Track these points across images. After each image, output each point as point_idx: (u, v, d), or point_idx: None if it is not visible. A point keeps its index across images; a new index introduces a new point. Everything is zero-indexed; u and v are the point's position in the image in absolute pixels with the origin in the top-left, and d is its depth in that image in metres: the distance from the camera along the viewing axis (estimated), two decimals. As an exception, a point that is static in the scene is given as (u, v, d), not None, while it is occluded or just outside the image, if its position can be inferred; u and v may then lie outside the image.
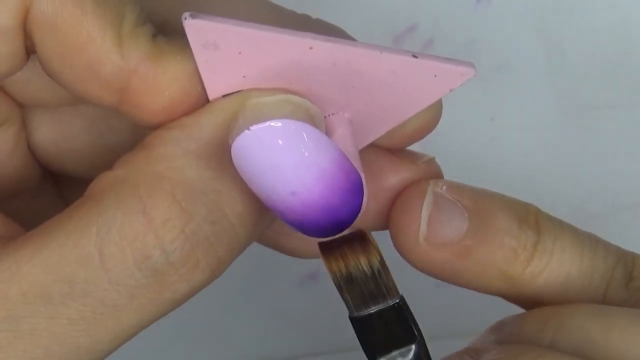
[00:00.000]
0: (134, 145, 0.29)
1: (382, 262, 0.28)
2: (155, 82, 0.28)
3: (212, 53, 0.27)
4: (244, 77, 0.28)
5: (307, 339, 0.53)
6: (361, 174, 0.29)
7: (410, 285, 0.52)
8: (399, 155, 0.33)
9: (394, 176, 0.33)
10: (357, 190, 0.28)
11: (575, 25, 0.50)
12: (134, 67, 0.27)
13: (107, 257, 0.27)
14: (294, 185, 0.27)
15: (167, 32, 0.28)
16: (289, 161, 0.27)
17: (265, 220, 0.29)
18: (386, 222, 0.33)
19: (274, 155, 0.27)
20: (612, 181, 0.52)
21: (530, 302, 0.32)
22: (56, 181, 0.35)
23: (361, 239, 0.28)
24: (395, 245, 0.32)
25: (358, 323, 0.29)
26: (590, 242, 0.32)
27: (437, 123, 0.32)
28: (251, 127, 0.26)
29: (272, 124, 0.27)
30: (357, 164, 0.29)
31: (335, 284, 0.28)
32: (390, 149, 0.32)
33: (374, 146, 0.32)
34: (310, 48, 0.27)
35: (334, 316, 0.54)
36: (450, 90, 0.29)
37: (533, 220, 0.32)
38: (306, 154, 0.27)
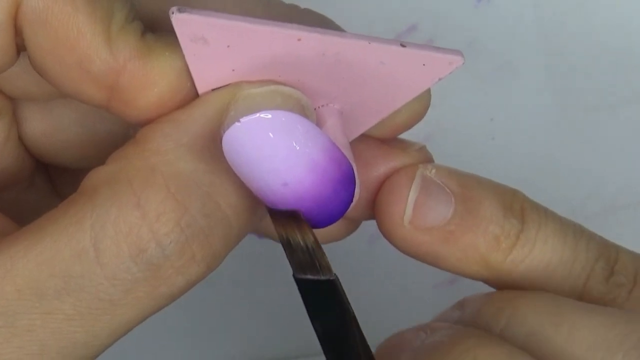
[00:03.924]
0: (125, 135, 0.29)
1: (316, 242, 0.29)
2: (144, 79, 0.28)
3: (200, 47, 0.27)
4: (233, 70, 0.28)
5: (307, 339, 0.52)
6: (353, 164, 0.29)
7: (410, 286, 0.52)
8: (389, 144, 0.33)
9: (385, 165, 0.33)
10: (349, 180, 0.28)
11: (575, 25, 0.50)
12: (123, 64, 0.28)
13: (102, 251, 0.27)
14: (286, 176, 0.27)
15: (156, 30, 0.29)
16: (279, 152, 0.27)
17: (259, 211, 0.29)
18: None
19: (264, 147, 0.27)
20: (612, 181, 0.52)
21: (512, 288, 0.32)
22: (48, 173, 0.35)
23: (296, 218, 0.29)
24: (379, 226, 0.33)
25: (299, 283, 0.29)
26: (574, 232, 0.32)
27: (425, 112, 0.32)
28: (241, 119, 0.27)
29: (262, 115, 0.27)
30: (348, 155, 0.29)
31: (281, 244, 0.29)
32: (380, 138, 0.33)
33: (364, 136, 0.32)
34: (299, 39, 0.27)
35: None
36: (439, 79, 0.29)
37: (518, 208, 0.32)
38: (297, 145, 0.27)
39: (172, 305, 0.46)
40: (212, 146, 0.28)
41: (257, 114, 0.27)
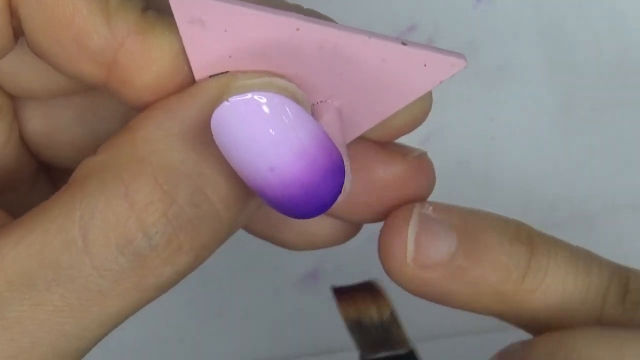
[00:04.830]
0: None
1: (393, 315, 0.28)
2: (143, 57, 0.28)
3: (198, 30, 0.27)
4: (231, 57, 0.28)
5: (307, 339, 0.53)
6: (347, 162, 0.28)
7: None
8: (388, 149, 0.32)
9: (384, 170, 0.32)
10: (338, 169, 0.28)
11: (575, 25, 0.50)
12: (122, 41, 0.27)
13: (91, 242, 0.26)
14: (273, 161, 0.27)
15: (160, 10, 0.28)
16: (268, 136, 0.26)
17: (252, 205, 0.29)
18: (376, 214, 0.33)
19: (254, 129, 0.26)
20: (612, 181, 0.52)
21: (528, 321, 0.32)
22: (51, 174, 0.35)
23: (373, 289, 0.28)
24: (385, 268, 0.32)
25: None
26: (585, 258, 0.32)
27: (426, 117, 0.32)
28: (231, 99, 0.26)
29: (256, 97, 0.26)
30: (343, 152, 0.29)
31: (347, 327, 0.28)
32: (379, 142, 0.32)
33: (362, 139, 0.32)
34: (298, 29, 0.27)
35: (334, 316, 0.53)
36: (441, 82, 0.29)
37: (525, 237, 0.31)
38: (287, 129, 0.27)
39: (172, 304, 0.46)
40: (204, 136, 0.28)
41: (250, 95, 0.26)
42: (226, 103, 0.26)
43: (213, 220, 0.28)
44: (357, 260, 0.51)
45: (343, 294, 0.28)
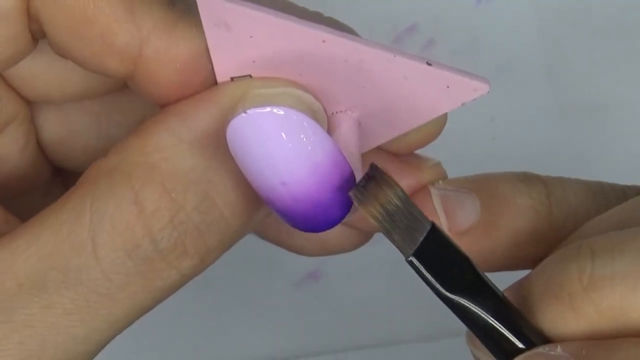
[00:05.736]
0: None
1: (403, 190, 0.28)
2: (167, 53, 0.28)
3: (223, 33, 0.27)
4: (254, 61, 0.28)
5: (307, 339, 0.52)
6: (360, 173, 0.28)
7: (411, 286, 0.52)
8: (403, 160, 0.32)
9: (398, 181, 0.32)
10: (348, 187, 0.28)
11: (575, 25, 0.50)
12: (147, 36, 0.27)
13: (100, 245, 0.27)
14: (285, 175, 0.27)
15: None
16: (283, 151, 0.27)
17: (261, 212, 0.29)
18: None
19: (268, 142, 0.27)
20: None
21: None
22: (65, 180, 0.35)
23: (377, 173, 0.28)
24: None
25: (419, 258, 0.28)
26: (590, 181, 0.32)
27: (439, 133, 0.32)
28: (249, 111, 0.26)
29: (275, 110, 0.27)
30: (357, 164, 0.29)
31: (383, 230, 0.27)
32: (393, 153, 0.32)
33: (377, 149, 0.32)
34: (323, 41, 0.27)
35: (334, 316, 0.53)
36: (462, 104, 0.29)
37: (534, 178, 0.32)
38: (302, 146, 0.27)
39: (173, 305, 0.46)
40: (215, 143, 0.28)
41: (269, 108, 0.27)
42: (244, 114, 0.26)
43: (220, 226, 0.28)
44: (357, 260, 0.51)
45: (361, 196, 0.27)
